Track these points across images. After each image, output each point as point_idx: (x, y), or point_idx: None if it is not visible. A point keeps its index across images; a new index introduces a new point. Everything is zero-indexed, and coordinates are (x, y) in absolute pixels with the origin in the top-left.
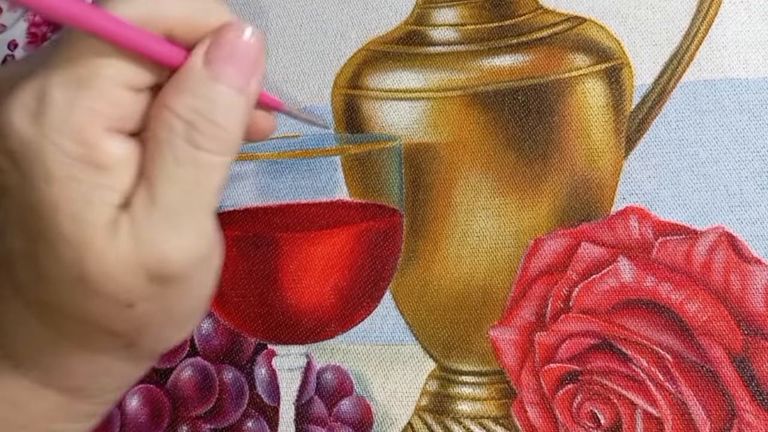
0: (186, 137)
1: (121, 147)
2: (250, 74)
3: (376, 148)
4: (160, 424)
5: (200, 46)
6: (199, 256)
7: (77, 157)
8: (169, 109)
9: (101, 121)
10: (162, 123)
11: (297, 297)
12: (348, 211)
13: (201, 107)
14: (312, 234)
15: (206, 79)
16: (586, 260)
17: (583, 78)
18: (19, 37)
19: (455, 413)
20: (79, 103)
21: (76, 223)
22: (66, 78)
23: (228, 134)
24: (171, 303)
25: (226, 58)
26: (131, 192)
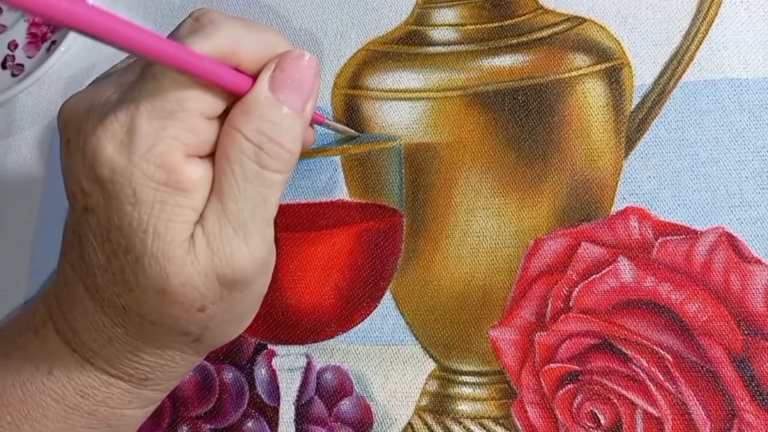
0: (254, 157)
1: (197, 170)
2: (308, 98)
3: (376, 148)
4: (160, 424)
5: (265, 73)
6: (263, 261)
7: (162, 182)
8: (239, 131)
9: (183, 149)
10: (232, 144)
11: (297, 297)
12: (348, 211)
13: (267, 129)
14: (312, 234)
15: (272, 103)
16: (586, 260)
17: (583, 78)
18: (19, 37)
19: (455, 413)
20: (164, 133)
21: (160, 241)
22: (152, 110)
23: (289, 154)
24: (235, 304)
25: (289, 83)
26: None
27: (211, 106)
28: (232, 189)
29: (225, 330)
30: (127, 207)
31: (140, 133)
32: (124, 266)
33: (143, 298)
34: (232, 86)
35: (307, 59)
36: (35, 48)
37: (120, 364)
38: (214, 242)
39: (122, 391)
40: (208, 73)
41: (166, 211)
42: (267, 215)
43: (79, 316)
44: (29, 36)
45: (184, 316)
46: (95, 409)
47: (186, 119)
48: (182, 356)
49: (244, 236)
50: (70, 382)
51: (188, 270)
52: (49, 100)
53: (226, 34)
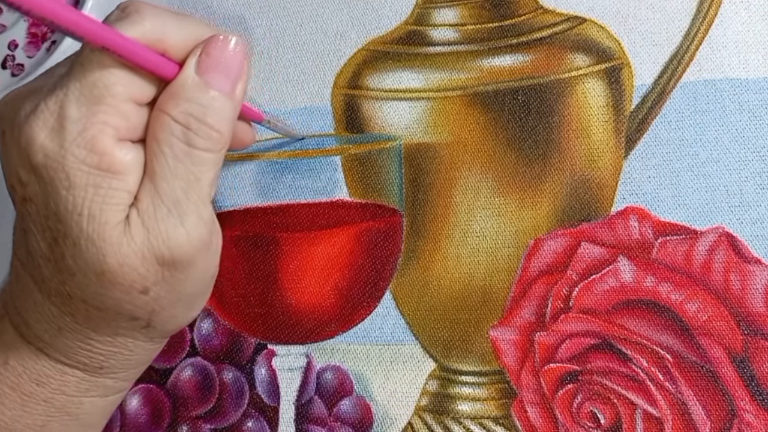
0: (182, 137)
1: (129, 153)
2: (236, 80)
3: (376, 148)
4: (160, 424)
5: (192, 57)
6: (202, 240)
7: (94, 165)
8: (167, 113)
9: (113, 132)
10: (161, 126)
11: (297, 297)
12: (348, 211)
13: (194, 111)
14: (312, 234)
15: (198, 85)
16: (586, 260)
17: (583, 78)
18: (19, 37)
19: (455, 413)
20: (94, 118)
21: (95, 223)
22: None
23: (218, 133)
24: (180, 286)
25: (215, 66)
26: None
27: (140, 91)
28: (163, 169)
29: (175, 314)
30: (62, 192)
31: (70, 118)
32: (63, 251)
33: (84, 283)
34: (159, 71)
35: (233, 42)
36: (35, 48)
37: (72, 353)
38: (149, 222)
39: (78, 380)
40: (134, 55)
41: (99, 194)
42: (201, 194)
43: (30, 308)
44: (29, 36)
45: (126, 299)
46: (51, 397)
47: (115, 104)
48: (135, 343)
49: (178, 215)
50: (26, 371)
51: (125, 250)
52: None
53: (151, 22)
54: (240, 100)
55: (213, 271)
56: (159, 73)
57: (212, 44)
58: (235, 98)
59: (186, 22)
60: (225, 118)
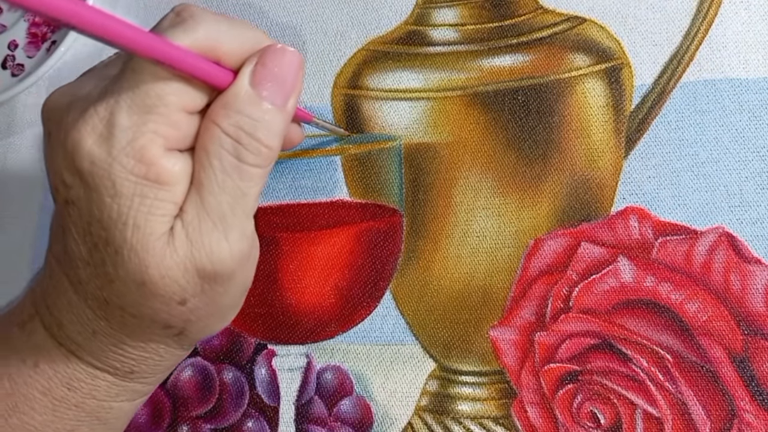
0: (232, 151)
1: (177, 164)
2: (289, 93)
3: (376, 148)
4: (161, 424)
5: (246, 67)
6: (243, 255)
7: (142, 175)
8: (218, 125)
9: (162, 142)
10: (211, 138)
11: (297, 297)
12: (348, 211)
13: (246, 125)
14: (312, 234)
15: (252, 98)
16: (586, 260)
17: (583, 78)
18: (19, 37)
19: (455, 413)
20: (144, 127)
21: (140, 234)
22: (133, 104)
23: (268, 149)
24: (218, 298)
25: (270, 78)
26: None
27: (192, 100)
28: (211, 182)
29: (208, 324)
30: (107, 199)
31: (120, 126)
32: (104, 258)
33: (123, 291)
34: (212, 80)
35: (289, 54)
36: (35, 48)
37: (105, 357)
38: (193, 235)
39: (108, 384)
40: (187, 66)
41: (145, 204)
42: (246, 209)
43: (63, 309)
44: (29, 36)
45: (165, 309)
46: (82, 402)
47: (166, 114)
48: (166, 349)
49: (223, 229)
50: (56, 374)
51: (167, 262)
52: None
53: (206, 29)
54: (291, 113)
55: (248, 284)
56: (212, 82)
57: (268, 55)
58: (287, 111)
59: (241, 28)
60: (276, 134)
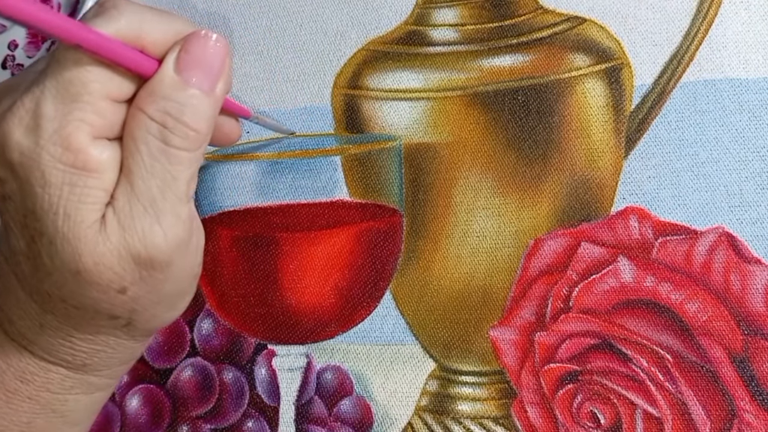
0: (159, 135)
1: (105, 151)
2: (216, 78)
3: (376, 148)
4: (161, 424)
5: (171, 54)
6: (179, 239)
7: (70, 163)
8: (144, 111)
9: (89, 130)
10: (137, 124)
11: (297, 297)
12: (348, 211)
13: (171, 109)
14: (312, 234)
15: (176, 83)
16: (586, 260)
17: (583, 78)
18: (19, 37)
19: (455, 413)
20: (70, 116)
21: (70, 222)
22: (57, 93)
23: (195, 132)
24: (159, 285)
25: (195, 63)
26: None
27: (118, 88)
28: (139, 167)
29: (155, 313)
30: (38, 189)
31: (46, 116)
32: (40, 250)
33: (61, 282)
34: (136, 68)
35: (213, 40)
36: (35, 48)
37: (55, 350)
38: (125, 221)
39: (62, 377)
40: (109, 52)
41: (75, 193)
42: (178, 193)
43: (13, 305)
44: (29, 36)
45: (104, 298)
46: (36, 394)
47: (91, 101)
48: (117, 341)
49: (155, 214)
50: (9, 368)
51: (100, 249)
52: None
53: (128, 18)
54: (221, 97)
55: (195, 270)
56: (137, 70)
57: (192, 41)
58: (215, 96)
59: (165, 18)
60: (203, 117)
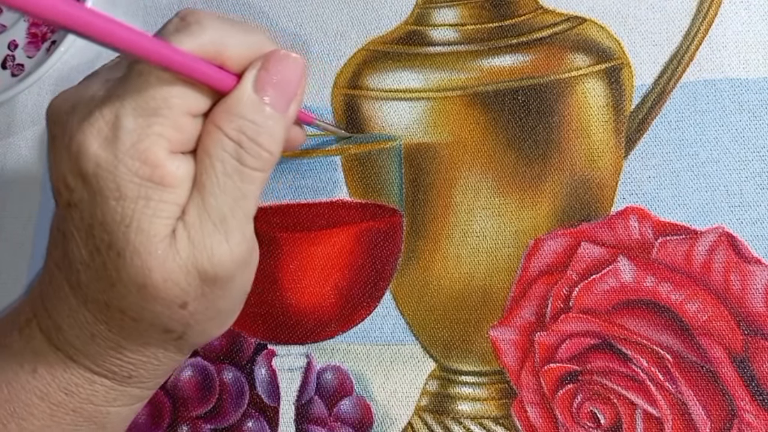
0: (234, 154)
1: (181, 166)
2: (291, 99)
3: (376, 148)
4: (160, 424)
5: (250, 72)
6: (242, 258)
7: (146, 177)
8: (221, 129)
9: (167, 145)
10: (213, 141)
11: (297, 297)
12: (348, 211)
13: (248, 129)
14: (312, 234)
15: (255, 103)
16: (586, 260)
17: (583, 78)
18: (19, 37)
19: (455, 413)
20: (149, 130)
21: (143, 236)
22: (138, 107)
23: (269, 153)
24: (218, 301)
25: (273, 84)
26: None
27: (196, 103)
28: (213, 184)
29: (207, 328)
30: (111, 202)
31: (125, 129)
32: (106, 261)
33: (124, 294)
34: (216, 84)
35: (293, 59)
36: (35, 48)
37: (103, 361)
38: (195, 237)
39: (106, 389)
40: (192, 70)
41: (150, 207)
42: (246, 211)
43: (63, 313)
44: (29, 36)
45: (166, 312)
46: (80, 407)
47: (171, 116)
48: (165, 354)
49: (224, 231)
50: (54, 379)
51: (170, 265)
52: (49, 100)
53: (211, 33)
54: (293, 117)
55: (248, 287)
56: (216, 86)
57: (272, 60)
58: (288, 116)
59: (245, 32)
60: (277, 139)
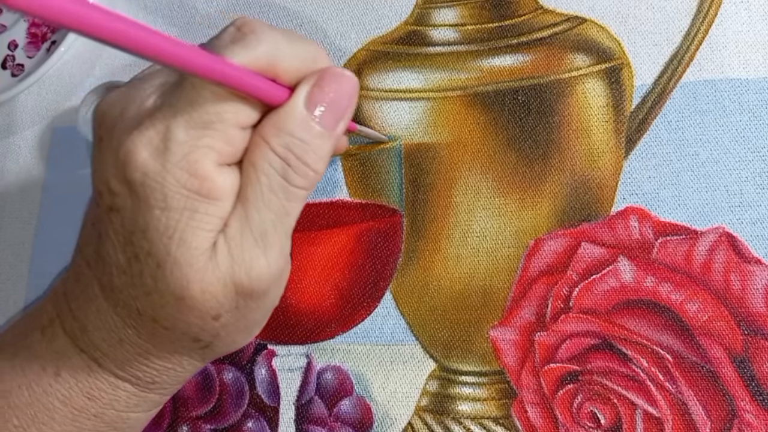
0: (280, 171)
1: (228, 179)
2: (342, 118)
3: (376, 148)
4: (161, 424)
5: (303, 88)
6: (279, 273)
7: (194, 190)
8: (268, 143)
9: (216, 158)
10: (261, 155)
11: (297, 297)
12: (348, 211)
13: (296, 147)
14: (312, 234)
15: (305, 120)
16: (586, 260)
17: (583, 78)
18: (19, 37)
19: (455, 413)
20: (200, 142)
21: (185, 248)
22: (191, 119)
23: (315, 173)
24: (249, 314)
25: (325, 102)
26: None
27: (247, 116)
28: (257, 199)
29: (235, 339)
30: (156, 211)
31: (176, 140)
32: (143, 270)
33: (161, 303)
34: (268, 98)
35: (347, 78)
36: (35, 48)
37: (129, 366)
38: (235, 251)
39: (129, 394)
40: (247, 86)
41: (195, 219)
42: (287, 228)
43: (90, 314)
44: (29, 36)
45: (199, 323)
46: (102, 412)
47: (222, 129)
48: (189, 361)
49: (264, 246)
50: (77, 383)
51: (209, 277)
52: (49, 100)
53: (266, 46)
54: (341, 135)
55: (278, 300)
56: (268, 100)
57: (326, 78)
58: (336, 135)
59: (300, 45)
60: (323, 158)
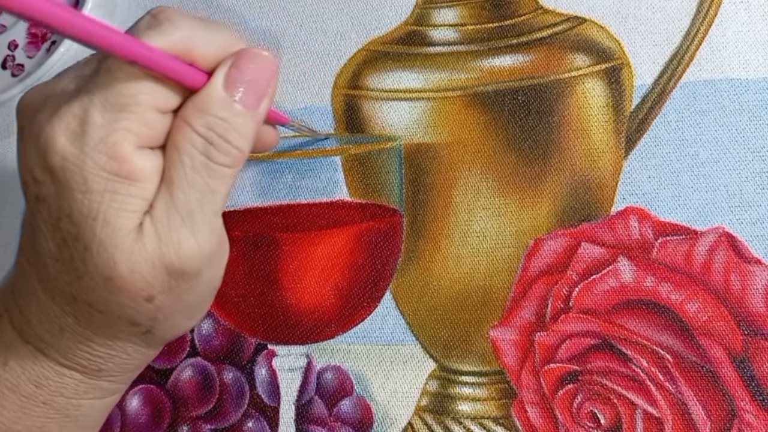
0: (203, 150)
1: (149, 161)
2: (262, 97)
3: (376, 148)
4: (161, 425)
5: (220, 69)
6: (210, 252)
7: (114, 172)
8: (190, 125)
9: (134, 140)
10: (183, 137)
11: (297, 297)
12: (348, 211)
13: (217, 126)
14: (312, 234)
15: (224, 100)
16: (586, 260)
17: (583, 78)
18: (19, 37)
19: (455, 413)
20: (117, 125)
21: (109, 229)
22: (107, 102)
23: (238, 150)
24: (184, 295)
25: (244, 81)
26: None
27: (165, 100)
28: (181, 179)
29: (175, 322)
30: (78, 195)
31: (93, 124)
32: (73, 254)
33: (91, 286)
34: (186, 81)
35: (264, 58)
36: (35, 48)
37: (72, 354)
38: (162, 230)
39: (76, 382)
40: (162, 67)
41: (116, 200)
42: (215, 207)
43: (33, 307)
44: (29, 36)
45: (132, 305)
46: (50, 399)
47: (139, 112)
48: (134, 348)
49: (191, 226)
50: (24, 372)
51: (136, 257)
52: None
53: (182, 31)
54: (264, 115)
55: (216, 283)
56: (186, 83)
57: (243, 58)
58: (259, 114)
59: (216, 31)
60: (246, 136)
